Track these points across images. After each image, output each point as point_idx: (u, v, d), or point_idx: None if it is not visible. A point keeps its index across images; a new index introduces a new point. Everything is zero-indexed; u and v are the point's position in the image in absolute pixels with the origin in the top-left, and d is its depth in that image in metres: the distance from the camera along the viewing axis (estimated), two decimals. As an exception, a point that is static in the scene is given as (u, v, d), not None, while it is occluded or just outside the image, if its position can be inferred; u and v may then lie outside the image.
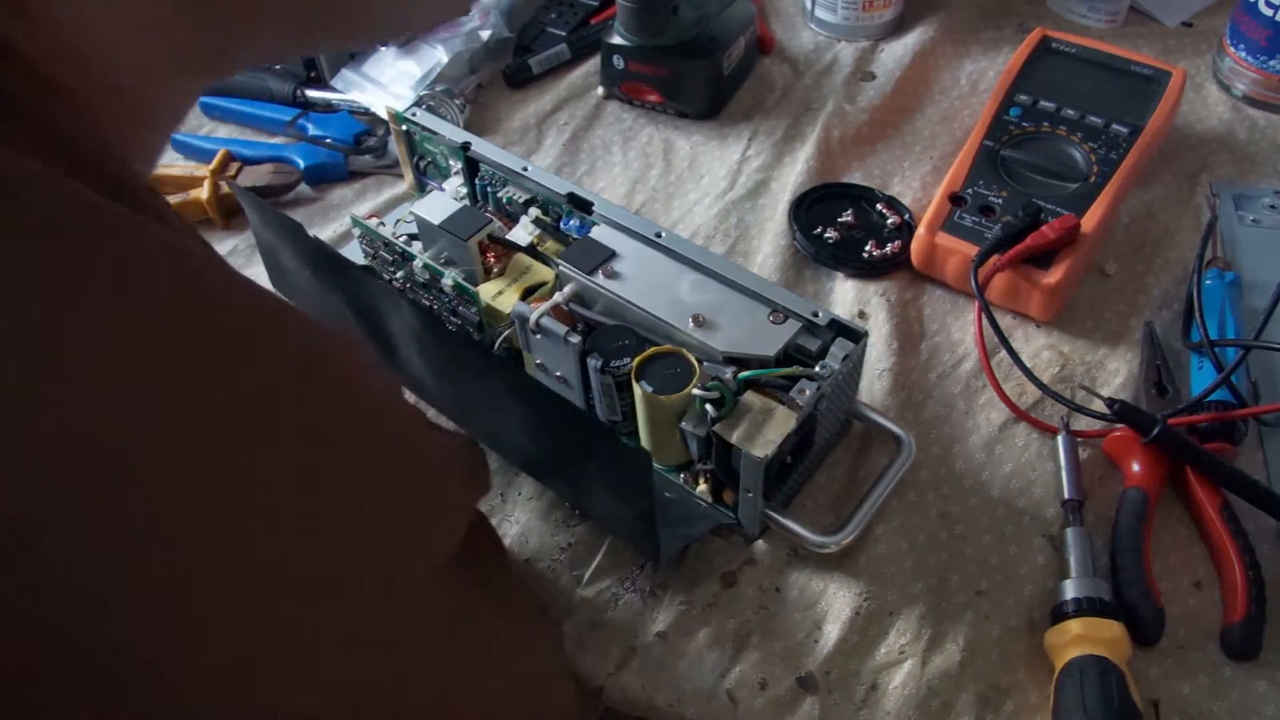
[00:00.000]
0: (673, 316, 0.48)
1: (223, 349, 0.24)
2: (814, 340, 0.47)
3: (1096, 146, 0.62)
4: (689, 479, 0.51)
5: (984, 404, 0.55)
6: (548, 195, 0.56)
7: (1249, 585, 0.45)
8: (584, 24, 0.82)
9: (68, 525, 0.21)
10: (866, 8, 0.77)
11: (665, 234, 0.52)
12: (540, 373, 0.53)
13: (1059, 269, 0.56)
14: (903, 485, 0.52)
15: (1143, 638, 0.45)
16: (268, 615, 0.24)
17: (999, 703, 0.44)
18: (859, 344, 0.47)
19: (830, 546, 0.48)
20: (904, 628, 0.47)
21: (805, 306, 0.48)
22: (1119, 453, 0.51)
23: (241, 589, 0.23)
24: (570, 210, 0.55)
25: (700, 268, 0.50)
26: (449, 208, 0.54)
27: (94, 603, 0.21)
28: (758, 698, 0.45)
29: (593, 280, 0.50)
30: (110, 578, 0.21)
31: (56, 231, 0.22)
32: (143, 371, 0.22)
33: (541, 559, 0.50)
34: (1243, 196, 0.63)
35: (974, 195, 0.61)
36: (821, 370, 0.46)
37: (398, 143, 0.63)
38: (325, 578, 0.25)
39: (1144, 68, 0.66)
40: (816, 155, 0.69)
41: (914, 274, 0.62)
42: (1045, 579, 0.48)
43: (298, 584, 0.25)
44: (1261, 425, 0.53)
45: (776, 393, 0.45)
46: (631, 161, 0.71)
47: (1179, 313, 0.58)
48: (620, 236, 0.52)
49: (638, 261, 0.51)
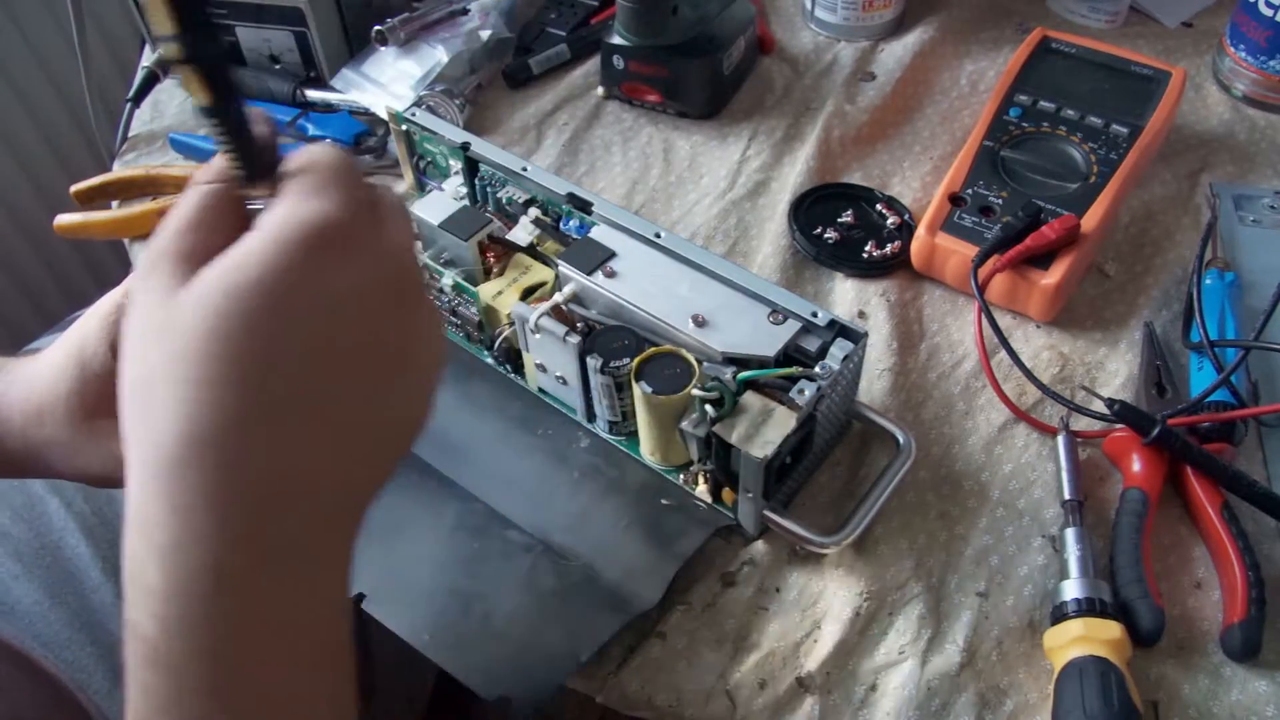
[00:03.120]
0: (672, 317, 0.48)
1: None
2: (814, 340, 0.47)
3: (1096, 147, 0.62)
4: (689, 479, 0.51)
5: (984, 404, 0.55)
6: (547, 195, 0.56)
7: (1249, 585, 0.45)
8: (584, 24, 0.82)
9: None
10: (866, 8, 0.77)
11: (664, 234, 0.52)
12: (540, 373, 0.53)
13: (1059, 269, 0.56)
14: (903, 485, 0.52)
15: (1143, 638, 0.45)
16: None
17: (999, 703, 0.44)
18: (859, 344, 0.47)
19: (830, 547, 0.47)
20: (904, 628, 0.47)
21: (805, 307, 0.48)
22: (1119, 453, 0.51)
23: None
24: (570, 210, 0.55)
25: (700, 268, 0.50)
26: (449, 208, 0.54)
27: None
28: (757, 698, 0.45)
29: (592, 280, 0.50)
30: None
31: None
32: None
33: (541, 559, 0.50)
34: (1243, 196, 0.63)
35: (974, 195, 0.61)
36: (821, 370, 0.46)
37: (398, 143, 0.63)
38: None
39: (1144, 68, 0.66)
40: (816, 155, 0.69)
41: (914, 274, 0.62)
42: (1045, 579, 0.48)
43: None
44: (1261, 425, 0.53)
45: (776, 393, 0.45)
46: (631, 162, 0.71)
47: (1179, 313, 0.58)
48: (620, 236, 0.52)
49: (637, 262, 0.51)
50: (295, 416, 0.29)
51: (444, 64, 0.74)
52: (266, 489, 0.29)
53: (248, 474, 0.28)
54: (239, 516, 0.28)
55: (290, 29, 0.74)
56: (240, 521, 0.28)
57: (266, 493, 0.29)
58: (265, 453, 0.29)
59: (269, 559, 0.29)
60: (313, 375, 0.29)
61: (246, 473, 0.28)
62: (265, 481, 0.29)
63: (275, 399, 0.29)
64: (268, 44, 0.75)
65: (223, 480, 0.28)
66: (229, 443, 0.28)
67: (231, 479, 0.28)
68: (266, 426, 0.28)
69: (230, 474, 0.28)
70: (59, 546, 0.57)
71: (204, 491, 0.28)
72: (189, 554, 0.28)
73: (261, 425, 0.28)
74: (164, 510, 0.28)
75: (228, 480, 0.28)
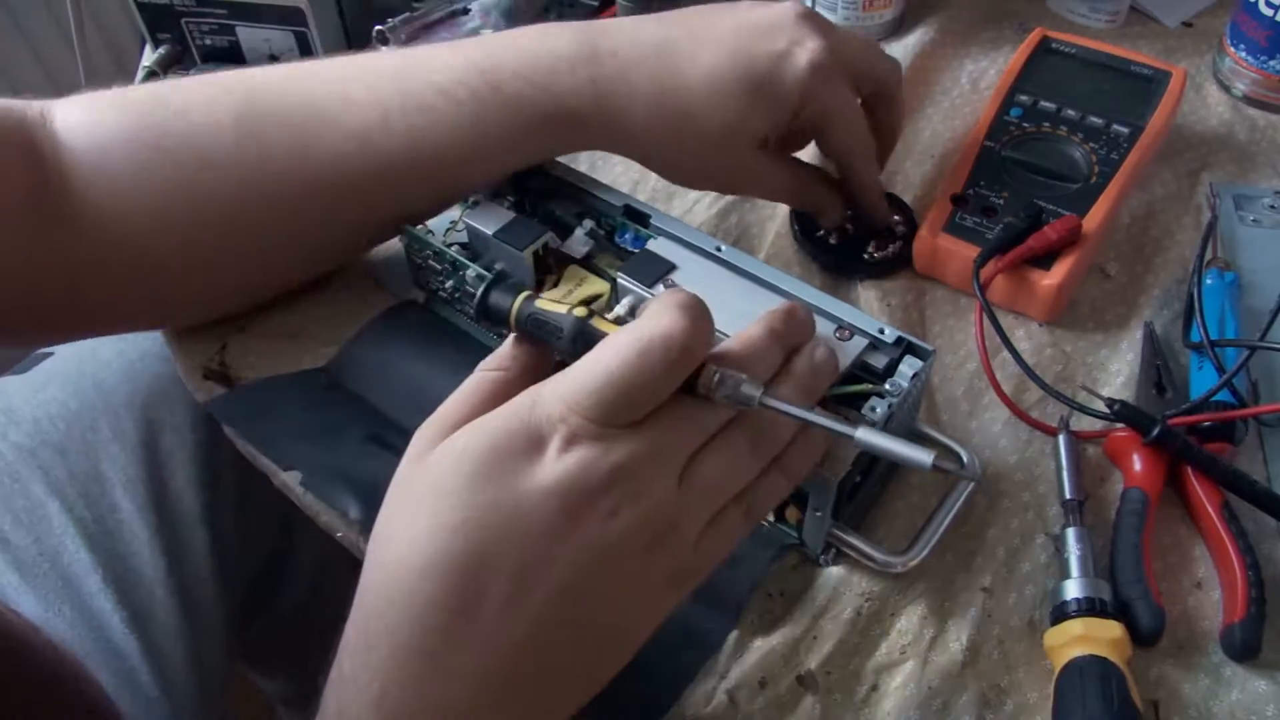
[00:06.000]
0: (738, 332, 0.47)
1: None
2: (880, 357, 0.46)
3: (1097, 147, 0.62)
4: None
5: (986, 404, 0.55)
6: (601, 206, 0.55)
7: (1249, 585, 0.45)
8: (584, 24, 0.82)
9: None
10: (866, 8, 0.77)
11: (725, 248, 0.51)
12: None
13: (1060, 269, 0.56)
14: (906, 487, 0.52)
15: (1143, 638, 0.45)
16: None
17: (999, 703, 0.45)
18: (927, 361, 0.46)
19: (898, 567, 0.47)
20: (905, 628, 0.47)
21: (871, 323, 0.47)
22: (1119, 453, 0.51)
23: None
24: (625, 222, 0.54)
25: (762, 282, 0.49)
26: (502, 218, 0.54)
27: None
28: (758, 698, 0.45)
29: (654, 294, 0.49)
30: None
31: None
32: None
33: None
34: (1243, 196, 0.64)
35: (975, 196, 0.61)
36: (891, 388, 0.45)
37: None
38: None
39: (1144, 68, 0.66)
40: (817, 156, 0.69)
41: (915, 275, 0.62)
42: (1046, 579, 0.48)
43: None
44: (1261, 425, 0.53)
45: (844, 410, 0.45)
46: (632, 162, 0.71)
47: (1179, 313, 0.58)
48: (679, 249, 0.51)
49: (697, 275, 0.50)
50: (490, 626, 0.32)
51: (445, 64, 0.74)
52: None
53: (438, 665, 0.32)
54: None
55: (290, 29, 0.74)
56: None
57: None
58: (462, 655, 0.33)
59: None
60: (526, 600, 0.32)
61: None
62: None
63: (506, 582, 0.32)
64: (268, 44, 0.75)
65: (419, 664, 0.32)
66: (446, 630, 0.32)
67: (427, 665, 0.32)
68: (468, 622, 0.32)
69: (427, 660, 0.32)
70: (58, 552, 0.57)
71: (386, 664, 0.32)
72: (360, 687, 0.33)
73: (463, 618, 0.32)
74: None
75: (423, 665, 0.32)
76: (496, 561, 0.31)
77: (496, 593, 0.31)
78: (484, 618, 0.31)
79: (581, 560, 0.32)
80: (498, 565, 0.31)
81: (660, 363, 0.32)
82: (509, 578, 0.31)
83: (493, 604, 0.31)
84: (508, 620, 0.32)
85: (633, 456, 0.33)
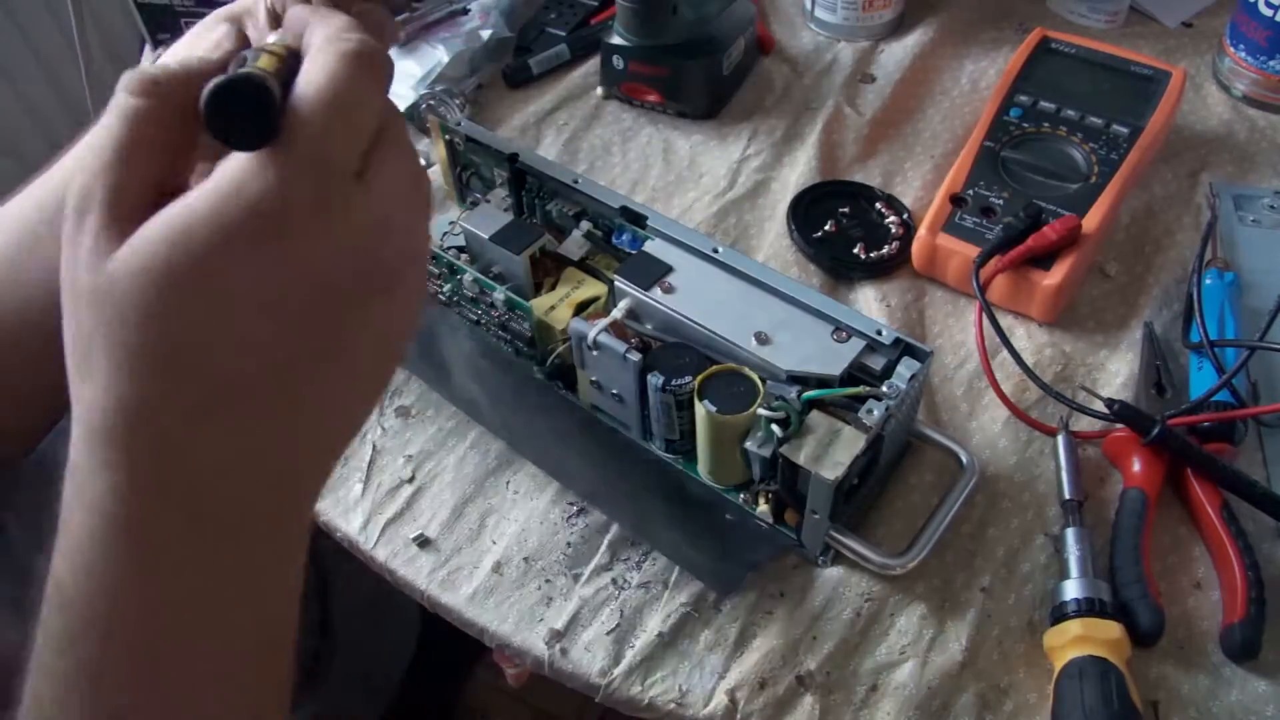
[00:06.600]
0: (734, 334, 0.47)
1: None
2: (878, 359, 0.46)
3: (1097, 147, 0.62)
4: (749, 499, 0.50)
5: (986, 404, 0.55)
6: (598, 208, 0.55)
7: (1249, 585, 0.45)
8: (584, 24, 0.82)
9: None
10: (866, 8, 0.77)
11: (722, 249, 0.51)
12: (594, 390, 0.52)
13: (1060, 270, 0.56)
14: (906, 488, 0.52)
15: (1142, 638, 0.45)
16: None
17: (999, 703, 0.44)
18: (925, 363, 0.46)
19: (897, 569, 0.47)
20: (905, 628, 0.47)
21: (869, 325, 0.47)
22: (1119, 453, 0.51)
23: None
24: (622, 224, 0.54)
25: (758, 283, 0.49)
26: (498, 221, 0.53)
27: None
28: (758, 697, 0.45)
29: (650, 296, 0.49)
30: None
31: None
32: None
33: (540, 557, 0.50)
34: (1243, 196, 0.64)
35: (975, 196, 0.61)
36: (889, 390, 0.45)
37: (440, 153, 0.61)
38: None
39: (1144, 68, 0.66)
40: (816, 156, 0.69)
41: (915, 275, 0.62)
42: (1045, 579, 0.48)
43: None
44: (1261, 425, 0.53)
45: (842, 412, 0.45)
46: (631, 162, 0.71)
47: (1179, 313, 0.58)
48: (675, 251, 0.51)
49: (694, 277, 0.50)
50: (229, 410, 0.28)
51: (444, 64, 0.74)
52: (194, 473, 0.29)
53: (179, 457, 0.28)
54: (166, 491, 0.28)
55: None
56: (167, 495, 0.28)
57: (193, 478, 0.29)
58: (197, 441, 0.28)
59: (190, 528, 0.29)
60: (253, 368, 0.28)
61: (178, 455, 0.28)
62: (193, 467, 0.29)
63: (210, 389, 0.28)
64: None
65: (152, 460, 0.28)
66: (159, 423, 0.28)
67: (162, 460, 0.28)
68: (199, 418, 0.28)
69: (160, 456, 0.28)
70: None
71: (130, 464, 0.28)
72: (107, 511, 0.28)
73: (193, 414, 0.28)
74: (95, 465, 0.28)
75: (157, 461, 0.28)
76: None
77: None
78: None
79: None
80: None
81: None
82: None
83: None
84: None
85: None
